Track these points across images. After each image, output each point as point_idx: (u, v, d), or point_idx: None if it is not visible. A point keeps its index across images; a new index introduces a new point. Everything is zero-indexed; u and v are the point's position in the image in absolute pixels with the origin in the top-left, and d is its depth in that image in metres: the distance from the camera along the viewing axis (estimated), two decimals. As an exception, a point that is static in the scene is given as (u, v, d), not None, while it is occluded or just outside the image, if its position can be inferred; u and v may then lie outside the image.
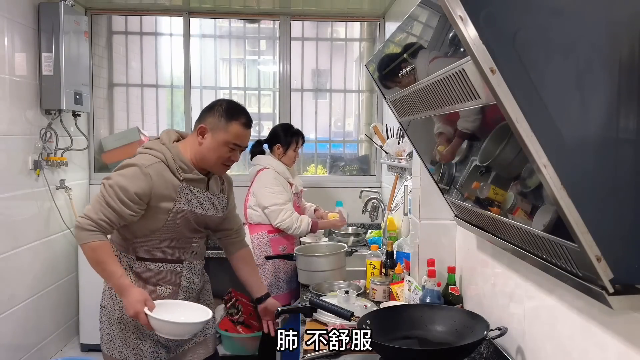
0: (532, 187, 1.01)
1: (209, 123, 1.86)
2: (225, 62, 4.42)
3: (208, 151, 1.85)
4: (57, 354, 3.52)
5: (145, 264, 1.88)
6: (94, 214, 1.74)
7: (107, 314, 1.92)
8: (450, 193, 1.64)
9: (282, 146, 3.03)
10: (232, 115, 1.86)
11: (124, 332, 1.89)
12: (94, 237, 1.73)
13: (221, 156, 1.87)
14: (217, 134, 1.84)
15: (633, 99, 0.86)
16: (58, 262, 3.54)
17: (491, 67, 0.85)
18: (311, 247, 2.77)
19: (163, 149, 1.84)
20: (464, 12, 0.86)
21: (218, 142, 1.84)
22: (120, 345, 1.88)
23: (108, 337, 1.91)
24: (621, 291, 0.92)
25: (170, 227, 1.84)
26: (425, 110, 1.35)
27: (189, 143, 1.90)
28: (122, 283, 1.74)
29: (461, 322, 1.58)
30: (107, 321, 1.92)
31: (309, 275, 2.50)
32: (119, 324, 1.89)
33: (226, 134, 1.84)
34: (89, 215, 1.74)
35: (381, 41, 4.11)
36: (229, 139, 1.85)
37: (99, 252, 1.74)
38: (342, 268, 2.54)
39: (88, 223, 1.74)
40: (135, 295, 1.71)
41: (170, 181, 1.81)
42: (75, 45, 3.45)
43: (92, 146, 4.03)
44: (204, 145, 1.85)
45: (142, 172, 1.76)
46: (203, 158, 1.87)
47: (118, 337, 1.89)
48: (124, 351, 1.88)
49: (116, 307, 1.89)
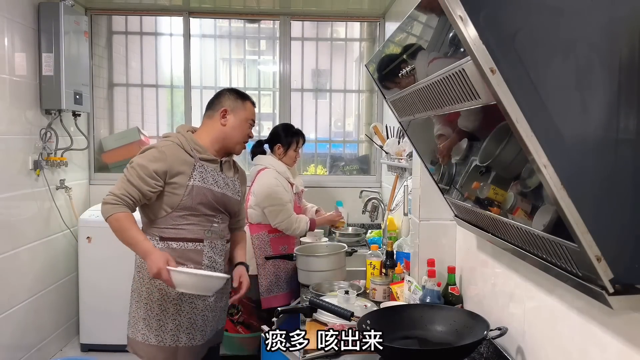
0: (532, 187, 1.01)
1: (228, 105, 2.10)
2: (225, 62, 4.42)
3: (233, 129, 2.09)
4: (57, 354, 3.52)
5: (168, 244, 2.01)
6: (117, 190, 1.93)
7: (135, 297, 2.04)
8: (450, 193, 1.64)
9: (283, 146, 3.04)
10: (243, 96, 2.14)
11: (148, 314, 2.00)
12: (118, 209, 1.91)
13: (244, 132, 2.12)
14: (238, 113, 2.10)
15: (633, 99, 0.86)
16: (58, 262, 3.53)
17: (491, 67, 0.85)
18: (311, 247, 2.77)
19: (178, 136, 2.06)
20: (464, 12, 0.86)
21: (241, 120, 2.10)
22: (143, 327, 2.00)
23: (133, 319, 2.03)
24: (621, 291, 0.92)
25: (188, 204, 1.98)
26: (425, 110, 1.35)
27: (203, 132, 2.11)
28: (146, 247, 1.88)
29: (461, 322, 1.58)
30: (134, 304, 2.04)
31: (309, 275, 2.50)
32: (145, 304, 2.00)
33: (245, 112, 2.11)
34: (113, 192, 1.93)
35: (381, 41, 4.11)
36: (248, 115, 2.12)
37: (123, 222, 1.90)
38: (342, 268, 2.54)
39: (112, 198, 1.92)
40: (157, 255, 1.84)
41: (184, 159, 2.00)
42: (75, 45, 3.45)
43: (92, 146, 4.03)
44: (228, 125, 2.09)
45: (158, 151, 1.98)
46: (226, 137, 2.09)
47: (142, 319, 2.00)
48: (147, 333, 2.00)
49: (143, 288, 2.02)
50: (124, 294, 3.48)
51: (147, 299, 2.01)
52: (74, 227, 3.65)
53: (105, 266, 3.52)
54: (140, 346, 2.01)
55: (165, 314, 2.00)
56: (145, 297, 2.01)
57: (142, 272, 2.03)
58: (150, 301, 2.00)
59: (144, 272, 2.02)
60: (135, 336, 2.01)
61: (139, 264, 2.05)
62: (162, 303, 2.00)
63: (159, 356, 2.00)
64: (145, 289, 2.01)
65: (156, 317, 1.99)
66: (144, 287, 2.01)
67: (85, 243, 3.54)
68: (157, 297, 2.00)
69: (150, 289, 2.01)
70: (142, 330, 2.00)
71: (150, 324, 2.00)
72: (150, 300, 2.00)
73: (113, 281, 3.52)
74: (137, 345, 2.02)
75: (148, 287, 2.01)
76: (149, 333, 1.99)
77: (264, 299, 2.93)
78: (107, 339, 3.57)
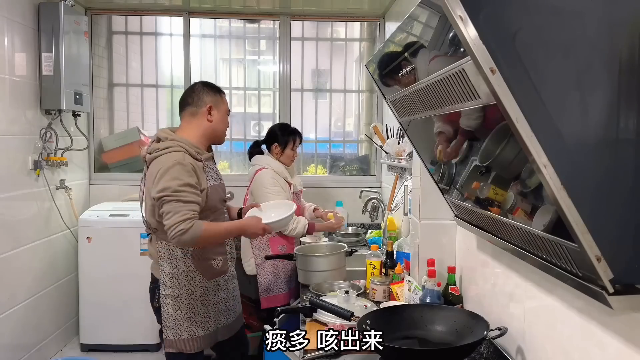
0: (532, 187, 1.01)
1: (211, 101, 2.16)
2: (225, 62, 4.42)
3: (218, 124, 2.18)
4: (57, 354, 3.52)
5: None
6: (184, 214, 1.92)
7: (172, 302, 2.10)
8: (450, 193, 1.64)
9: (280, 145, 3.04)
10: (217, 88, 2.23)
11: (192, 312, 2.11)
12: (199, 226, 1.94)
13: (226, 123, 2.24)
14: (220, 107, 2.18)
15: (633, 99, 0.86)
16: (58, 262, 3.53)
17: (491, 67, 0.85)
18: (311, 247, 2.77)
19: (178, 142, 2.05)
20: (464, 12, 0.86)
21: (223, 113, 2.20)
22: (189, 325, 2.11)
23: (174, 322, 2.10)
24: (621, 291, 0.92)
25: (210, 204, 2.09)
26: (425, 110, 1.35)
27: (190, 128, 2.15)
28: (236, 227, 2.16)
29: (461, 322, 1.58)
30: (171, 309, 2.10)
31: (309, 275, 2.50)
32: (187, 305, 2.10)
33: (224, 104, 2.22)
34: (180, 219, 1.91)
35: (381, 41, 4.11)
36: (226, 107, 2.24)
37: (211, 229, 2.00)
38: (342, 268, 2.54)
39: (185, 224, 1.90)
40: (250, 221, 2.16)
41: (197, 166, 2.05)
42: (75, 45, 3.45)
43: (92, 146, 4.03)
44: (215, 121, 2.16)
45: (183, 166, 1.98)
46: (214, 131, 2.17)
47: (185, 318, 2.10)
48: (193, 329, 2.11)
49: (182, 291, 2.10)
50: (124, 294, 3.52)
51: (189, 299, 2.11)
52: (74, 227, 3.65)
53: (105, 266, 3.52)
54: (187, 342, 2.11)
55: (207, 305, 2.15)
56: (185, 298, 2.10)
57: (178, 277, 2.10)
58: (193, 300, 2.12)
59: (179, 277, 2.10)
60: (181, 336, 2.10)
61: (170, 273, 2.10)
62: (204, 298, 2.14)
63: (204, 343, 2.15)
64: (184, 291, 2.10)
65: (200, 312, 2.13)
66: (183, 290, 2.10)
67: (85, 243, 3.54)
68: (199, 294, 2.13)
69: (190, 289, 2.11)
70: (187, 328, 2.11)
71: (195, 320, 2.12)
72: (192, 299, 2.12)
73: (113, 281, 3.52)
74: (182, 343, 2.11)
75: (187, 289, 2.11)
76: (195, 328, 2.12)
77: (263, 299, 2.92)
78: (107, 339, 3.57)
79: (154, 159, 2.03)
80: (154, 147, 2.07)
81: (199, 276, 2.12)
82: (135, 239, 3.51)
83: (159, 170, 1.96)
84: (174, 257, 2.09)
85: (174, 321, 2.10)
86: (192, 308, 2.12)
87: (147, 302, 3.23)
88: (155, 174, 1.97)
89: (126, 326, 3.56)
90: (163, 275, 2.10)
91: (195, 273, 2.11)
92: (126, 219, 3.54)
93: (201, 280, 2.12)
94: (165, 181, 1.94)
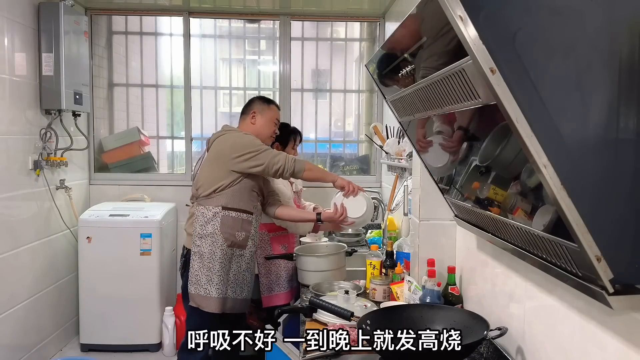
0: (532, 187, 1.01)
1: (256, 108, 2.62)
2: (225, 62, 4.42)
3: (262, 127, 2.61)
4: (57, 354, 3.52)
5: (228, 212, 2.45)
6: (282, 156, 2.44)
7: (197, 259, 2.44)
8: (450, 193, 1.64)
9: (281, 144, 3.04)
10: (269, 101, 2.69)
11: (210, 271, 2.42)
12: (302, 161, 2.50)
13: (271, 129, 2.65)
14: (265, 113, 2.62)
15: (633, 99, 0.86)
16: (58, 262, 3.53)
17: (491, 67, 0.85)
18: (311, 247, 2.77)
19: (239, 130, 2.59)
20: (464, 12, 0.86)
21: (267, 120, 2.62)
22: (205, 283, 2.42)
23: (195, 278, 2.43)
24: (621, 291, 0.92)
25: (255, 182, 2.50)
26: (425, 110, 1.35)
27: (241, 129, 2.61)
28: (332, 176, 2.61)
29: (461, 322, 1.58)
30: (196, 265, 2.44)
31: (309, 275, 2.50)
32: (208, 263, 2.42)
33: (271, 112, 2.64)
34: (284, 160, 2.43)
35: (381, 41, 4.10)
36: (274, 115, 2.65)
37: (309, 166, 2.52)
38: (342, 268, 2.54)
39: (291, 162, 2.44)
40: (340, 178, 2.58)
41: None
42: (75, 45, 3.45)
43: (92, 146, 4.03)
44: (257, 125, 2.61)
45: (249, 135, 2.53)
46: (257, 134, 2.56)
47: (204, 275, 2.42)
48: (208, 287, 2.42)
49: (206, 250, 2.42)
50: (124, 294, 3.52)
51: (210, 259, 2.42)
52: (74, 227, 3.65)
53: (105, 266, 3.52)
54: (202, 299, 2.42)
55: (223, 269, 2.44)
56: (207, 257, 2.42)
57: (205, 237, 2.43)
58: (213, 260, 2.42)
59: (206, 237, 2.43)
60: (199, 291, 2.42)
61: (200, 233, 2.44)
62: (222, 261, 2.44)
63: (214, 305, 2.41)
64: (207, 250, 2.42)
65: (217, 273, 2.42)
66: (207, 249, 2.42)
67: (85, 243, 3.54)
68: (219, 256, 2.43)
69: (212, 249, 2.43)
70: (204, 285, 2.42)
71: (211, 280, 2.41)
72: (212, 259, 2.42)
73: (113, 281, 3.52)
74: (199, 298, 2.42)
75: (211, 249, 2.42)
76: (210, 287, 2.41)
77: (264, 298, 2.92)
78: (107, 339, 3.57)
79: (219, 137, 2.51)
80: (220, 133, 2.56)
81: (221, 239, 2.43)
82: (135, 239, 3.51)
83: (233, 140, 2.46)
84: (206, 219, 2.43)
85: (196, 276, 2.43)
86: (211, 267, 2.42)
87: (147, 302, 3.32)
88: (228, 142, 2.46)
89: (126, 326, 3.56)
90: (194, 235, 2.46)
91: (219, 236, 2.42)
92: (126, 219, 3.54)
93: (222, 243, 2.43)
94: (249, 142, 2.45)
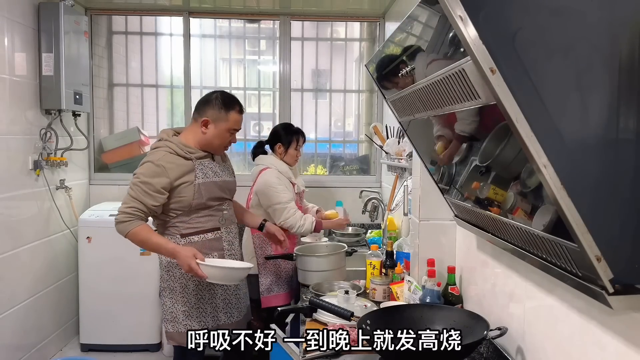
0: (532, 187, 1.00)
1: (210, 115, 2.19)
2: (225, 62, 4.42)
3: (213, 138, 2.20)
4: (57, 354, 3.52)
5: (189, 239, 2.17)
6: (126, 208, 2.05)
7: (169, 294, 2.18)
8: (450, 193, 1.64)
9: (283, 145, 3.03)
10: (229, 105, 2.21)
11: (186, 305, 2.16)
12: (132, 225, 2.04)
13: (224, 141, 2.24)
14: (219, 124, 2.20)
15: (633, 99, 0.85)
16: (58, 262, 3.53)
17: (491, 67, 0.85)
18: (311, 247, 2.77)
19: (166, 143, 2.15)
20: (464, 12, 0.86)
21: (221, 130, 2.20)
22: (184, 319, 2.16)
23: (171, 315, 2.17)
24: (621, 291, 0.92)
25: (200, 201, 2.15)
26: (425, 110, 1.35)
27: (190, 133, 2.22)
28: (171, 247, 2.06)
29: (461, 322, 1.58)
30: (169, 301, 2.18)
31: (309, 275, 2.50)
32: (182, 297, 2.16)
33: (227, 123, 2.21)
34: (123, 210, 2.05)
35: (381, 41, 4.11)
36: (230, 126, 2.22)
37: (141, 234, 2.05)
38: (342, 268, 2.54)
39: (123, 216, 2.04)
40: (185, 252, 2.01)
41: (182, 163, 2.12)
42: (75, 45, 3.45)
43: (92, 146, 4.03)
44: (208, 134, 2.19)
45: (156, 165, 2.08)
46: (208, 144, 2.21)
47: (181, 312, 2.16)
48: (188, 322, 2.16)
49: (176, 284, 2.16)
50: (124, 294, 3.52)
51: (183, 292, 2.17)
52: (74, 227, 3.65)
53: (105, 266, 3.52)
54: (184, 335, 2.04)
55: (202, 300, 2.19)
56: (179, 291, 2.16)
57: (171, 270, 2.17)
58: (187, 294, 2.17)
59: (173, 270, 2.17)
60: (178, 329, 2.16)
61: (166, 264, 2.18)
62: (198, 292, 2.18)
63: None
64: (178, 284, 2.17)
65: (195, 306, 2.17)
66: (177, 283, 2.17)
67: (85, 243, 3.54)
68: (192, 288, 2.17)
69: (184, 282, 2.17)
70: (183, 321, 2.16)
71: (190, 314, 2.17)
72: (186, 292, 2.17)
73: (113, 281, 3.52)
74: (180, 336, 2.16)
75: (181, 282, 2.17)
76: (191, 322, 2.17)
77: (264, 298, 2.92)
78: (107, 339, 3.57)
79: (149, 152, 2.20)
80: (152, 145, 2.24)
81: None
82: (135, 239, 3.51)
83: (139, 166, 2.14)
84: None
85: (171, 314, 2.17)
86: (187, 301, 2.17)
87: (147, 302, 3.24)
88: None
89: (126, 326, 3.56)
90: (160, 267, 2.21)
91: None
92: (126, 219, 3.53)
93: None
94: (137, 171, 2.11)
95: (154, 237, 2.07)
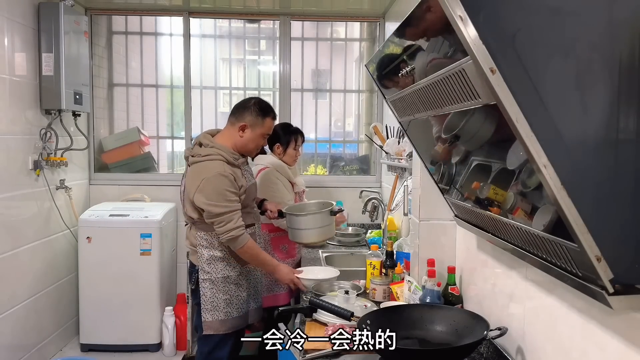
0: (532, 187, 1.01)
1: (248, 121, 2.35)
2: (225, 62, 4.42)
3: (249, 142, 2.37)
4: (57, 354, 3.52)
5: None
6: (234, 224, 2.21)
7: (210, 286, 2.32)
8: (450, 193, 1.64)
9: (282, 145, 3.03)
10: (266, 112, 2.39)
11: (228, 293, 2.33)
12: (245, 238, 2.25)
13: (258, 145, 2.43)
14: (256, 129, 2.36)
15: (633, 99, 0.86)
16: (58, 262, 3.53)
17: (491, 67, 0.85)
18: (299, 206, 2.81)
19: (217, 151, 2.27)
20: (464, 12, 0.86)
21: (257, 135, 2.37)
22: (225, 307, 2.33)
23: (212, 304, 2.32)
24: (621, 291, 0.92)
25: (245, 202, 2.34)
26: (425, 110, 1.35)
27: (227, 137, 2.37)
28: (274, 264, 2.37)
29: (461, 322, 1.58)
30: (209, 292, 2.32)
31: (297, 233, 2.61)
32: (223, 288, 2.32)
33: (262, 128, 2.38)
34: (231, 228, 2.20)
35: (381, 41, 4.11)
36: (265, 131, 2.40)
37: (253, 249, 2.30)
38: (329, 226, 2.63)
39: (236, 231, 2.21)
40: (285, 269, 2.36)
41: (235, 172, 2.28)
42: (75, 45, 3.45)
43: (92, 146, 4.03)
44: (245, 138, 2.35)
45: (225, 176, 2.22)
46: (243, 147, 2.37)
47: (222, 300, 2.32)
48: (229, 309, 2.34)
49: (219, 275, 2.32)
50: (124, 294, 3.52)
51: (225, 282, 2.33)
52: (74, 227, 3.65)
53: (105, 266, 3.52)
54: (224, 323, 2.33)
55: (241, 288, 2.38)
56: (221, 281, 2.32)
57: (213, 263, 2.32)
58: (228, 283, 2.34)
59: (215, 263, 2.32)
60: (218, 317, 2.32)
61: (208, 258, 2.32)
62: (238, 281, 2.37)
63: (238, 323, 2.37)
64: (221, 275, 2.32)
65: (235, 294, 2.35)
66: (220, 274, 2.32)
67: (85, 243, 3.54)
68: (234, 277, 2.35)
69: (226, 274, 2.33)
70: (224, 309, 2.32)
71: (231, 302, 2.35)
72: (227, 282, 2.34)
73: (113, 281, 3.52)
74: (219, 323, 2.32)
75: (223, 273, 2.33)
76: (231, 309, 2.34)
77: (264, 298, 2.91)
78: (107, 339, 3.57)
79: (195, 163, 2.27)
80: (196, 151, 2.31)
81: (234, 261, 2.33)
82: (135, 239, 3.51)
83: (202, 180, 2.20)
84: (212, 244, 2.31)
85: (212, 303, 2.32)
86: (228, 290, 2.34)
87: (147, 302, 3.28)
88: (198, 181, 2.20)
89: (126, 326, 3.56)
90: (201, 261, 2.32)
91: (231, 259, 2.33)
92: (126, 219, 3.54)
93: (236, 265, 2.34)
94: (210, 191, 2.19)
95: (261, 254, 2.34)
